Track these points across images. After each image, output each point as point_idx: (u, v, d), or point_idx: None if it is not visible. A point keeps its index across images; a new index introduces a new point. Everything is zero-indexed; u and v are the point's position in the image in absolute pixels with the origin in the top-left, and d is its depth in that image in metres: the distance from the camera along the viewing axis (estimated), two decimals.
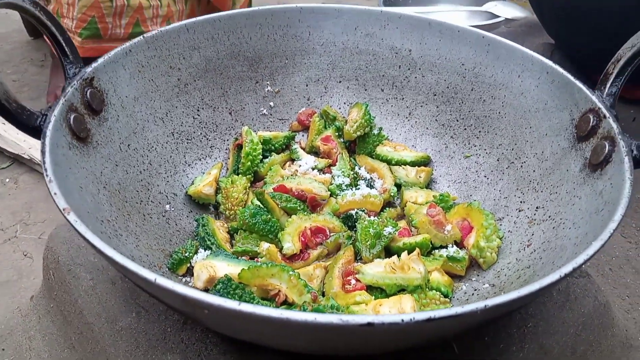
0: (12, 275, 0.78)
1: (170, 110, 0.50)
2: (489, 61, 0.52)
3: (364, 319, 0.24)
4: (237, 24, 0.54)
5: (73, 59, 0.42)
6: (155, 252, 0.41)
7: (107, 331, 0.45)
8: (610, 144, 0.39)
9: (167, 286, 0.25)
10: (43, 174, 0.53)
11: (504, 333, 0.43)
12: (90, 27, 0.93)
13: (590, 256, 0.28)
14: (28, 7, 0.38)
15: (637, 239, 0.66)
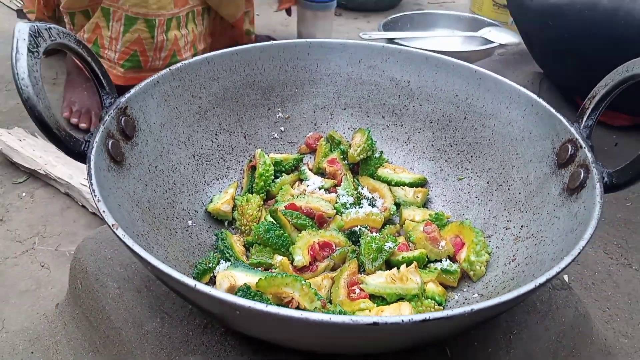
0: (31, 285, 0.83)
1: (192, 135, 0.56)
2: (480, 93, 0.57)
3: (370, 319, 0.29)
4: (252, 57, 0.59)
5: (109, 90, 0.47)
6: (181, 262, 0.46)
7: (133, 335, 0.49)
8: (585, 171, 0.44)
9: (205, 291, 0.30)
10: (59, 189, 0.57)
11: (492, 339, 0.48)
12: (132, 60, 0.99)
13: (562, 269, 0.33)
14: (75, 46, 0.43)
15: (618, 255, 0.71)
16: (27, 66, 0.38)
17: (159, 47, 1.02)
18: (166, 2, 0.98)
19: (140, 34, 0.99)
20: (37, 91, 0.38)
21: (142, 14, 0.97)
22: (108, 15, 0.98)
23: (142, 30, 0.99)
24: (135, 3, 0.96)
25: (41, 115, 0.38)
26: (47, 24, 0.41)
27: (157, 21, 0.98)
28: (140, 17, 0.97)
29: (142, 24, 0.98)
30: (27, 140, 1.08)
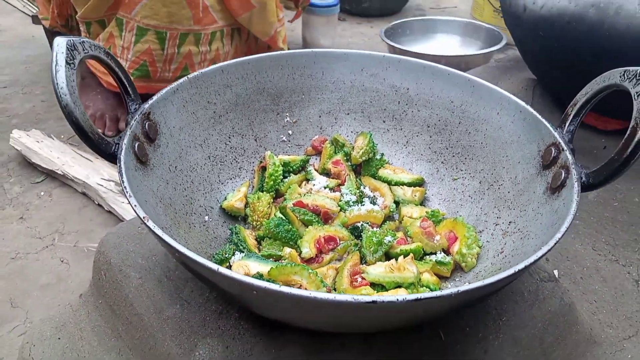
0: (52, 279, 0.88)
1: (207, 137, 0.60)
2: (473, 100, 0.62)
3: (370, 298, 0.34)
4: (262, 66, 0.64)
5: (134, 97, 0.52)
6: (200, 253, 0.51)
7: (155, 320, 0.54)
8: (566, 172, 0.48)
9: (227, 274, 0.35)
10: (76, 188, 0.62)
11: (482, 325, 0.52)
12: (141, 69, 1.03)
13: (539, 257, 0.38)
14: (104, 57, 0.48)
15: (605, 252, 0.75)
16: (65, 77, 0.43)
17: (169, 59, 1.05)
18: (182, 18, 1.01)
19: (150, 45, 1.03)
20: (74, 99, 0.43)
21: (153, 26, 1.01)
22: (121, 25, 1.02)
23: (152, 41, 1.03)
24: (146, 15, 1.00)
25: (78, 120, 0.43)
26: (80, 38, 0.46)
27: (168, 34, 1.02)
28: (150, 29, 1.01)
29: (152, 35, 1.02)
30: (44, 142, 1.13)
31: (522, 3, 0.75)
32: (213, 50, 1.07)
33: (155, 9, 0.99)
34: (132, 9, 1.00)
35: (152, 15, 1.00)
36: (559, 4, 0.70)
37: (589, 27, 0.67)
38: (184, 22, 1.02)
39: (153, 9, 0.99)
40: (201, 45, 1.06)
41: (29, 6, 1.82)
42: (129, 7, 1.00)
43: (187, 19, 1.02)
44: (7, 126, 1.26)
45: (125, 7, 1.00)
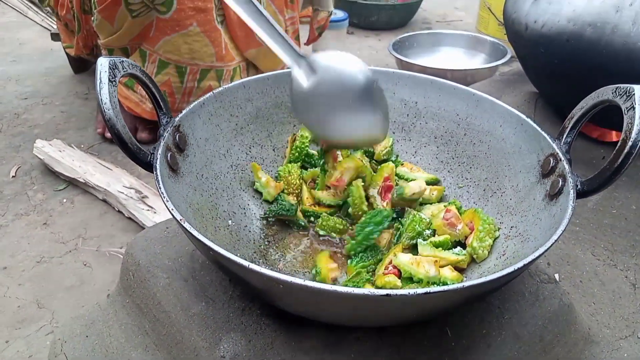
0: (76, 282, 0.92)
1: (230, 148, 0.65)
2: (477, 113, 0.66)
3: (384, 292, 0.38)
4: (281, 81, 0.68)
5: (165, 111, 0.57)
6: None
7: (182, 317, 0.58)
8: (563, 180, 0.52)
9: (256, 269, 0.39)
10: (97, 196, 0.67)
11: (486, 322, 0.56)
12: None
13: (536, 257, 0.42)
14: (140, 75, 0.53)
15: (604, 257, 0.78)
16: (108, 93, 0.47)
17: (188, 92, 1.10)
18: (203, 55, 1.06)
19: (170, 77, 1.08)
20: (116, 113, 0.47)
21: (174, 61, 1.06)
22: (145, 57, 1.08)
23: (172, 74, 1.08)
24: (168, 50, 1.05)
25: (119, 132, 0.48)
26: (120, 58, 0.51)
27: (188, 69, 1.07)
28: (171, 63, 1.07)
29: (172, 69, 1.07)
30: (66, 151, 1.18)
31: (524, 22, 0.80)
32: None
33: (176, 45, 1.04)
34: (156, 43, 1.05)
35: (174, 51, 1.05)
36: (558, 24, 0.74)
37: (587, 45, 0.72)
38: (205, 59, 1.07)
39: (174, 45, 1.04)
40: (223, 81, 1.11)
41: (47, 20, 1.89)
42: (153, 41, 1.05)
43: (210, 55, 1.07)
44: (30, 136, 1.32)
45: (149, 41, 1.05)
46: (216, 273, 0.60)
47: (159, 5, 1.00)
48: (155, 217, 0.97)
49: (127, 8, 1.00)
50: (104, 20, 1.05)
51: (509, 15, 0.85)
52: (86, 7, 1.15)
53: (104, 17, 1.04)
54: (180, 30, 1.03)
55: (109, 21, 1.05)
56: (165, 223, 0.67)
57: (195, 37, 1.04)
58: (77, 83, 1.60)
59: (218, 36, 1.06)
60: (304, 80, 0.57)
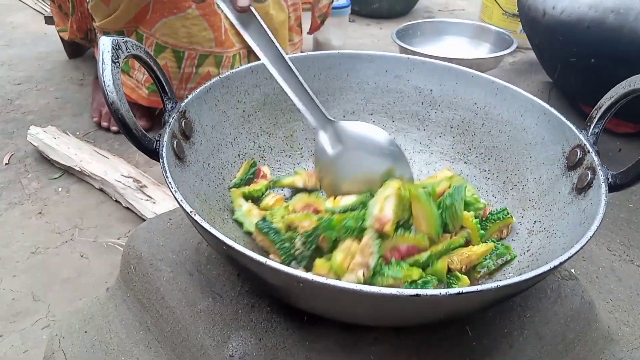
0: (72, 274, 0.89)
1: (237, 136, 0.62)
2: (497, 102, 0.63)
3: (413, 292, 0.35)
4: None
5: (170, 96, 0.53)
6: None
7: (187, 313, 0.55)
8: (592, 173, 0.50)
9: (274, 266, 0.36)
10: (93, 184, 0.63)
11: (508, 321, 0.54)
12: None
13: (572, 254, 0.39)
14: (144, 56, 0.49)
15: (620, 252, 0.76)
16: (111, 75, 0.44)
17: (185, 78, 1.07)
18: (202, 40, 1.02)
19: (167, 62, 1.04)
20: (120, 96, 0.44)
21: (171, 44, 1.03)
22: (141, 41, 1.04)
23: (169, 59, 1.04)
24: (165, 33, 1.01)
25: (123, 117, 0.44)
26: (124, 37, 0.47)
27: (186, 54, 1.03)
28: (168, 47, 1.03)
29: (169, 53, 1.03)
30: (61, 138, 1.15)
31: (541, 8, 0.77)
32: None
33: (174, 28, 1.01)
34: (153, 26, 1.01)
35: (171, 34, 1.01)
36: (578, 10, 0.71)
37: (609, 32, 0.69)
38: (204, 43, 1.03)
39: (172, 28, 1.01)
40: (222, 68, 1.07)
41: (41, 3, 1.84)
42: (149, 24, 1.01)
43: (208, 40, 1.03)
44: (23, 122, 1.28)
45: (146, 24, 1.02)
46: (223, 267, 0.57)
47: None
48: (154, 208, 0.94)
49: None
50: (99, 1, 1.01)
51: (525, 2, 0.82)
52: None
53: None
54: (178, 12, 0.99)
55: (104, 2, 1.01)
56: (168, 214, 0.64)
57: (193, 20, 1.01)
58: (71, 68, 1.56)
59: (217, 20, 1.03)
60: (328, 148, 0.57)
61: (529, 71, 1.02)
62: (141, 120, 1.19)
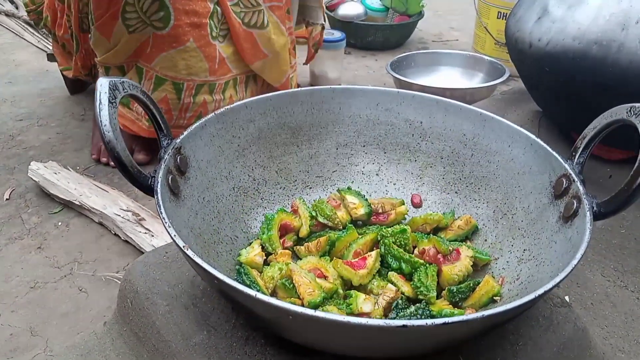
0: (71, 308, 0.89)
1: (232, 170, 0.63)
2: (485, 133, 0.65)
3: (400, 323, 0.36)
4: (283, 102, 0.67)
5: (166, 133, 0.55)
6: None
7: (182, 346, 0.55)
8: (578, 202, 0.51)
9: (264, 299, 0.37)
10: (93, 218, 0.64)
11: (500, 349, 0.54)
12: None
13: (557, 283, 0.40)
14: (140, 96, 0.51)
15: (614, 278, 0.77)
16: (108, 115, 0.46)
17: (185, 108, 1.10)
18: (199, 70, 1.05)
19: (167, 93, 1.07)
20: (116, 135, 0.46)
21: (171, 77, 1.05)
22: (141, 74, 1.07)
23: (169, 91, 1.07)
24: (165, 66, 1.04)
25: (119, 154, 0.46)
26: (121, 78, 0.49)
27: (185, 85, 1.06)
28: (168, 79, 1.06)
29: (169, 85, 1.06)
30: (61, 173, 1.16)
31: (527, 40, 0.79)
32: (227, 97, 1.11)
33: (174, 61, 1.03)
34: (153, 59, 1.04)
35: (171, 67, 1.04)
36: (563, 42, 0.74)
37: (593, 63, 0.71)
38: (200, 74, 1.06)
39: (172, 61, 1.03)
40: (215, 94, 1.10)
41: (43, 41, 1.88)
42: (149, 58, 1.04)
43: (204, 71, 1.06)
44: (25, 158, 1.30)
45: (146, 57, 1.05)
46: (218, 300, 0.57)
47: (156, 21, 0.99)
48: (152, 241, 0.95)
49: (124, 23, 0.99)
50: (101, 36, 1.04)
51: (512, 34, 0.85)
52: (84, 25, 1.14)
53: (101, 33, 1.03)
54: (177, 46, 1.02)
55: (105, 37, 1.04)
56: (164, 248, 0.65)
57: (192, 52, 1.04)
58: (73, 104, 1.58)
59: (212, 51, 1.06)
60: None
61: (520, 100, 1.04)
62: (140, 154, 1.21)
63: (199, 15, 1.01)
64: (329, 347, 0.45)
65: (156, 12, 0.98)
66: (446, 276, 0.57)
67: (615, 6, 0.71)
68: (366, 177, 0.72)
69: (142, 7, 0.97)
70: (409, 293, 0.55)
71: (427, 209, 0.69)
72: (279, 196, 0.69)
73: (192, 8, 0.99)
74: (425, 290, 0.54)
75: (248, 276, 0.55)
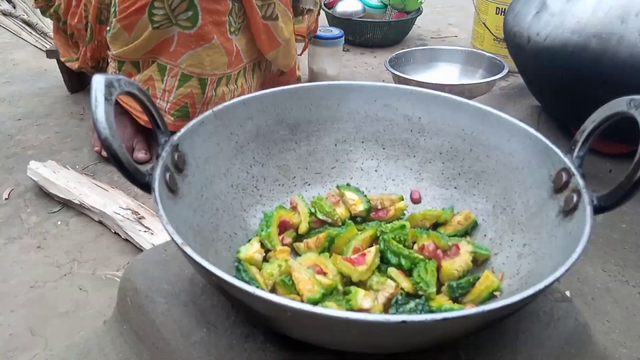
0: (71, 307, 0.89)
1: (230, 167, 0.63)
2: (484, 128, 0.64)
3: (400, 319, 0.36)
4: (281, 98, 0.67)
5: (164, 130, 0.55)
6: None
7: (182, 344, 0.55)
8: (577, 195, 0.51)
9: (263, 296, 0.37)
10: (92, 217, 0.64)
11: (500, 344, 0.54)
12: (182, 110, 1.10)
13: (557, 278, 0.40)
14: (137, 93, 0.51)
15: (615, 273, 0.77)
16: (104, 112, 0.45)
17: (207, 101, 1.12)
18: (220, 65, 1.08)
19: (192, 89, 1.09)
20: (112, 133, 0.45)
21: (197, 73, 1.07)
22: (164, 71, 1.08)
23: (195, 86, 1.09)
24: (192, 64, 1.06)
25: (116, 152, 0.46)
26: (116, 76, 0.49)
27: (209, 80, 1.08)
28: (194, 76, 1.07)
29: (195, 81, 1.08)
30: (60, 172, 1.16)
31: (526, 35, 0.79)
32: (239, 86, 1.14)
33: (200, 59, 1.05)
34: (178, 57, 1.05)
35: (197, 64, 1.06)
36: (562, 35, 0.73)
37: (592, 57, 0.71)
38: (220, 68, 1.09)
39: (199, 58, 1.05)
40: (230, 84, 1.13)
41: (42, 41, 1.88)
42: (174, 56, 1.05)
43: (223, 64, 1.09)
44: (24, 157, 1.29)
45: (169, 55, 1.06)
46: (217, 297, 0.57)
47: (183, 20, 1.00)
48: (152, 239, 0.95)
49: (149, 18, 1.00)
50: (122, 29, 1.04)
51: (510, 29, 0.85)
52: (102, 16, 1.15)
53: (123, 26, 1.04)
54: (204, 44, 1.04)
55: (127, 30, 1.04)
56: (163, 245, 0.65)
57: (216, 49, 1.06)
58: (71, 103, 1.58)
59: (230, 45, 1.08)
60: None
61: (519, 95, 1.04)
62: (140, 153, 1.20)
63: (219, 14, 1.03)
64: (328, 343, 0.45)
65: (184, 12, 0.99)
66: (446, 272, 0.56)
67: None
68: (365, 173, 0.72)
69: (171, 4, 0.98)
70: (409, 289, 0.55)
71: (427, 204, 0.69)
72: (278, 193, 0.68)
73: (215, 7, 1.01)
74: (425, 286, 0.54)
75: (247, 273, 0.55)
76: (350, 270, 0.55)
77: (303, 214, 0.64)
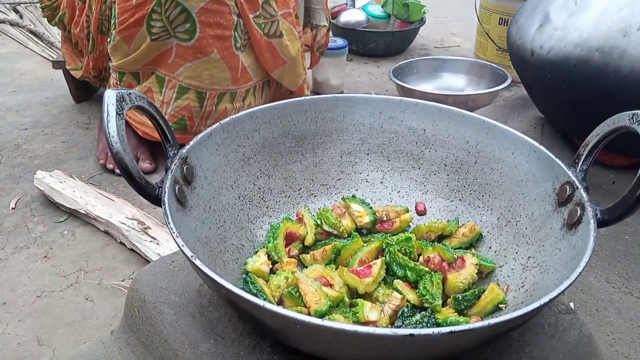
0: (77, 317, 0.90)
1: (237, 179, 0.64)
2: (488, 140, 0.65)
3: (407, 332, 0.36)
4: (288, 111, 0.68)
5: (173, 143, 0.56)
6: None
7: (190, 355, 0.56)
8: (581, 209, 0.51)
9: (272, 309, 0.38)
10: (98, 227, 0.65)
11: (505, 357, 0.54)
12: (179, 122, 1.10)
13: (561, 291, 0.40)
14: (147, 107, 0.52)
15: (619, 284, 0.77)
16: (116, 126, 0.46)
17: (206, 115, 1.12)
18: (222, 80, 1.08)
19: (190, 102, 1.09)
20: (124, 146, 0.46)
21: (195, 86, 1.07)
22: (162, 83, 1.09)
23: (192, 99, 1.09)
24: (189, 76, 1.06)
25: (127, 165, 0.46)
26: (128, 90, 0.50)
27: (208, 94, 1.09)
28: (192, 88, 1.08)
29: (193, 94, 1.08)
30: (67, 182, 1.17)
31: (529, 48, 0.80)
32: (246, 105, 1.14)
33: (198, 71, 1.05)
34: (176, 69, 1.06)
35: (195, 77, 1.07)
36: (565, 49, 0.74)
37: (595, 70, 0.71)
38: (222, 83, 1.09)
39: (196, 71, 1.06)
40: (235, 102, 1.13)
41: (48, 51, 1.89)
42: (172, 67, 1.06)
43: (226, 80, 1.09)
44: (30, 167, 1.30)
45: (168, 67, 1.06)
46: (225, 309, 0.58)
47: (181, 32, 1.01)
48: (158, 249, 0.95)
49: (148, 30, 1.01)
50: (121, 40, 1.05)
51: (514, 42, 0.85)
52: (104, 27, 1.16)
53: (122, 38, 1.05)
54: (202, 57, 1.04)
55: (126, 42, 1.05)
56: (170, 256, 0.65)
57: (215, 63, 1.06)
58: (77, 113, 1.59)
59: (235, 61, 1.08)
60: None
61: (522, 107, 1.04)
62: (145, 163, 1.21)
63: (222, 28, 1.03)
64: (336, 355, 0.45)
65: (182, 24, 1.00)
66: (451, 284, 0.57)
67: (616, 13, 0.72)
68: (370, 185, 0.73)
69: (169, 16, 0.99)
70: (415, 301, 0.55)
71: (432, 216, 0.69)
72: (284, 205, 0.69)
73: (216, 21, 1.02)
74: (430, 298, 0.54)
75: (255, 285, 0.56)
76: (357, 282, 0.56)
77: (309, 226, 0.65)
